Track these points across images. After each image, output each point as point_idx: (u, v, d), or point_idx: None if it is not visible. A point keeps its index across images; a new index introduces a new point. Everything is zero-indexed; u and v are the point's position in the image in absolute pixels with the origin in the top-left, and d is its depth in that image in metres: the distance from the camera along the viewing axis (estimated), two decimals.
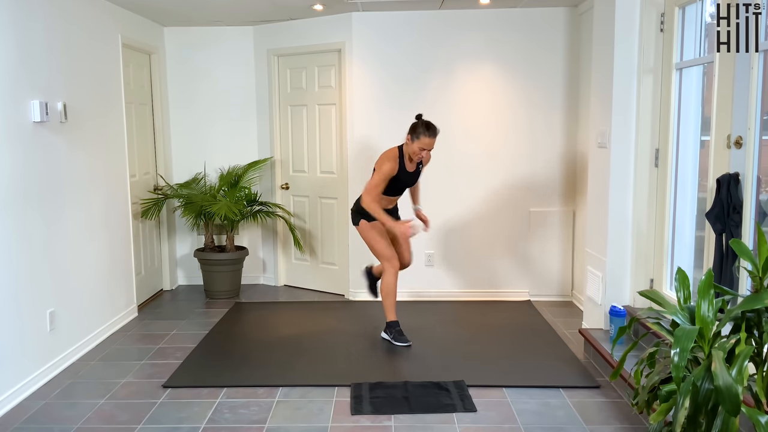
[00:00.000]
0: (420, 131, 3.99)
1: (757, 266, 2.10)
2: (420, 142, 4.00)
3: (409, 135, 4.04)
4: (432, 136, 4.01)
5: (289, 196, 5.77)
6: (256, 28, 5.65)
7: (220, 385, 3.57)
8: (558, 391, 3.47)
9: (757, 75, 2.82)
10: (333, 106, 5.39)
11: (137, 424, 3.13)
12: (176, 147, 5.80)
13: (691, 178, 3.63)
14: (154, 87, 5.53)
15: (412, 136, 4.02)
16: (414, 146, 4.02)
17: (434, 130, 4.02)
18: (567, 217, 5.24)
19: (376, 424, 3.12)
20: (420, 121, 4.05)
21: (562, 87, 5.15)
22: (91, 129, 4.29)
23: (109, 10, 4.65)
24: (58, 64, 3.90)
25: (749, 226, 2.87)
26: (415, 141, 4.01)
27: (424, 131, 3.99)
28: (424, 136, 3.99)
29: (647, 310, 2.35)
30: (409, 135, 4.04)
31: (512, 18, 5.09)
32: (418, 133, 3.99)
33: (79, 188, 4.13)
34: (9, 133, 3.39)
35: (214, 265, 5.42)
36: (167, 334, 4.52)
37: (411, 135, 4.03)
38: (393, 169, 4.08)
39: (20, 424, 3.16)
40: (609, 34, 3.84)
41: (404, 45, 5.16)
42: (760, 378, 2.04)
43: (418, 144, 4.01)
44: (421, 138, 3.99)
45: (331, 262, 5.56)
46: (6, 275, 3.36)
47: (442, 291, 5.36)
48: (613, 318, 3.78)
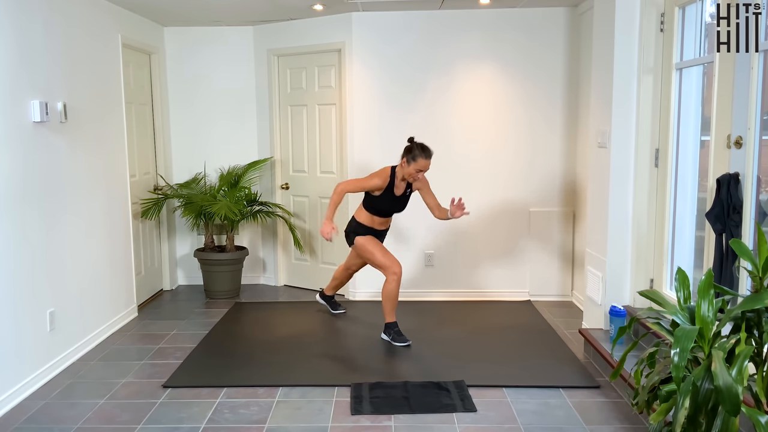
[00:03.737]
0: (416, 153, 4.05)
1: (757, 266, 2.10)
2: (417, 164, 4.06)
3: (405, 158, 4.10)
4: (428, 157, 4.08)
5: (289, 196, 5.78)
6: (256, 28, 5.65)
7: (220, 385, 3.57)
8: (558, 391, 3.47)
9: (757, 75, 2.82)
10: (333, 106, 5.39)
11: (137, 424, 3.13)
12: (176, 147, 5.80)
13: (691, 178, 3.63)
14: (154, 87, 5.53)
15: (408, 158, 4.08)
16: (410, 168, 4.08)
17: (429, 151, 4.09)
18: (567, 217, 5.24)
19: (376, 424, 3.12)
20: (415, 143, 4.10)
21: (562, 87, 5.15)
22: (91, 129, 4.29)
23: (109, 10, 4.65)
24: (58, 64, 3.90)
25: (749, 226, 2.87)
26: (411, 163, 4.07)
27: (420, 153, 4.05)
28: (420, 158, 4.05)
29: (647, 310, 2.35)
30: (405, 158, 4.10)
31: (512, 18, 5.09)
32: (415, 155, 4.05)
33: (79, 188, 4.13)
34: (9, 133, 3.39)
35: (214, 265, 5.42)
36: (167, 334, 4.52)
37: (406, 157, 4.09)
38: (378, 185, 4.14)
39: (20, 424, 3.17)
40: (609, 34, 3.84)
41: (404, 45, 5.16)
42: (760, 378, 2.04)
43: (415, 166, 4.07)
44: (418, 160, 4.05)
45: (331, 262, 5.56)
46: (6, 275, 3.36)
47: (442, 291, 5.36)
48: (613, 318, 3.78)
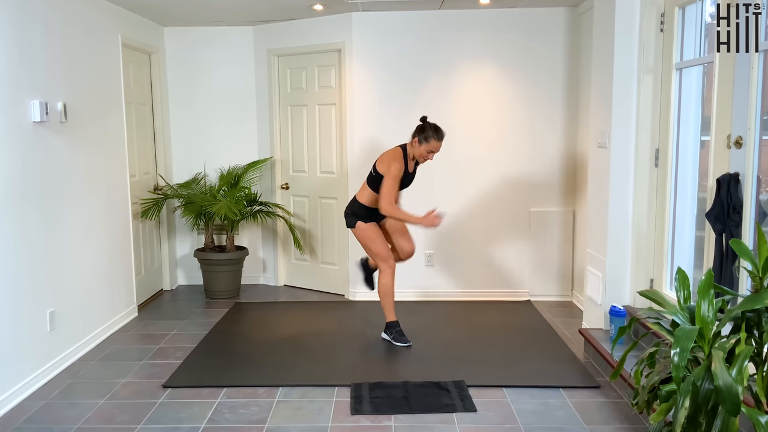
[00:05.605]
0: (429, 134, 4.00)
1: (757, 266, 2.10)
2: (429, 145, 4.02)
3: (416, 137, 4.05)
4: (440, 139, 4.03)
5: (289, 196, 5.77)
6: (256, 28, 5.65)
7: (220, 385, 3.57)
8: (558, 391, 3.47)
9: (757, 75, 2.82)
10: (333, 106, 5.39)
11: (137, 424, 3.13)
12: (176, 147, 5.80)
13: (691, 178, 3.63)
14: (154, 87, 5.53)
15: (420, 138, 4.03)
16: (422, 148, 4.04)
17: (442, 133, 4.05)
18: (567, 217, 5.24)
19: (376, 424, 3.12)
20: (428, 124, 4.05)
21: (562, 87, 5.15)
22: (91, 129, 4.29)
23: (109, 10, 4.65)
24: (58, 64, 3.90)
25: (749, 226, 2.87)
26: (423, 144, 4.02)
27: (433, 134, 4.01)
28: (433, 139, 4.01)
29: (647, 310, 2.35)
30: (416, 137, 4.05)
31: (512, 18, 5.09)
32: (428, 136, 4.00)
33: (79, 188, 4.13)
34: (9, 133, 3.39)
35: (214, 265, 5.42)
36: (167, 334, 4.52)
37: (418, 137, 4.03)
38: (401, 169, 4.07)
39: (20, 424, 3.17)
40: (609, 34, 3.84)
41: (404, 45, 5.15)
42: (760, 378, 2.04)
43: (426, 147, 4.02)
44: (431, 141, 4.01)
45: (331, 262, 5.56)
46: (6, 275, 3.36)
47: (442, 291, 5.35)
48: (613, 318, 3.78)
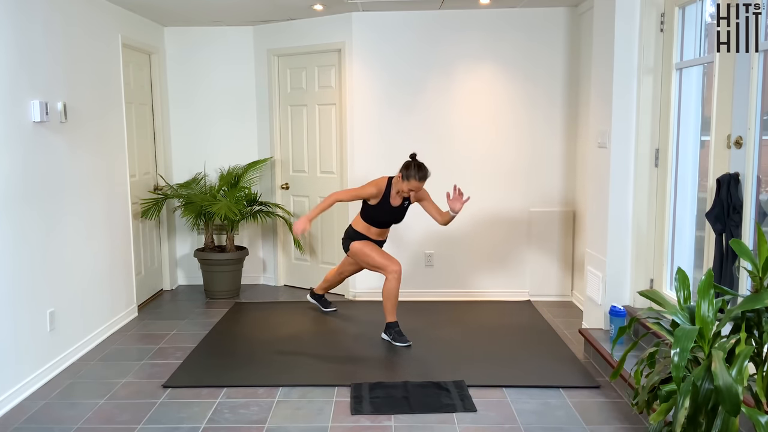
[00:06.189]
0: (411, 173, 4.08)
1: (757, 266, 2.10)
2: (409, 183, 4.10)
3: (401, 173, 4.12)
4: (421, 180, 4.10)
5: (289, 196, 5.77)
6: (256, 28, 5.64)
7: (220, 385, 3.57)
8: (558, 391, 3.47)
9: (757, 75, 2.82)
10: (333, 106, 5.39)
11: (137, 424, 3.13)
12: (176, 147, 5.80)
13: (691, 178, 3.63)
14: (154, 87, 5.53)
15: (404, 174, 4.11)
16: (403, 185, 4.12)
17: (425, 173, 4.11)
18: (567, 217, 5.23)
19: (376, 424, 3.12)
20: (414, 162, 4.12)
21: (562, 87, 5.15)
22: (91, 129, 4.29)
23: (109, 10, 4.65)
24: (58, 64, 3.90)
25: (749, 226, 2.87)
26: (404, 181, 4.10)
27: (414, 174, 4.08)
28: (413, 179, 4.08)
29: (647, 310, 2.35)
30: (401, 173, 4.12)
31: (512, 18, 5.09)
32: (409, 174, 4.09)
33: (79, 188, 4.13)
34: (9, 133, 3.39)
35: (214, 265, 5.42)
36: (167, 334, 4.52)
37: (403, 173, 4.11)
38: (373, 194, 4.17)
39: (20, 424, 3.17)
40: (609, 34, 3.84)
41: (404, 45, 5.15)
42: (760, 378, 2.04)
43: (407, 185, 4.11)
44: (411, 180, 4.09)
45: (331, 262, 5.56)
46: (6, 275, 3.36)
47: (442, 291, 5.35)
48: (613, 318, 3.78)
